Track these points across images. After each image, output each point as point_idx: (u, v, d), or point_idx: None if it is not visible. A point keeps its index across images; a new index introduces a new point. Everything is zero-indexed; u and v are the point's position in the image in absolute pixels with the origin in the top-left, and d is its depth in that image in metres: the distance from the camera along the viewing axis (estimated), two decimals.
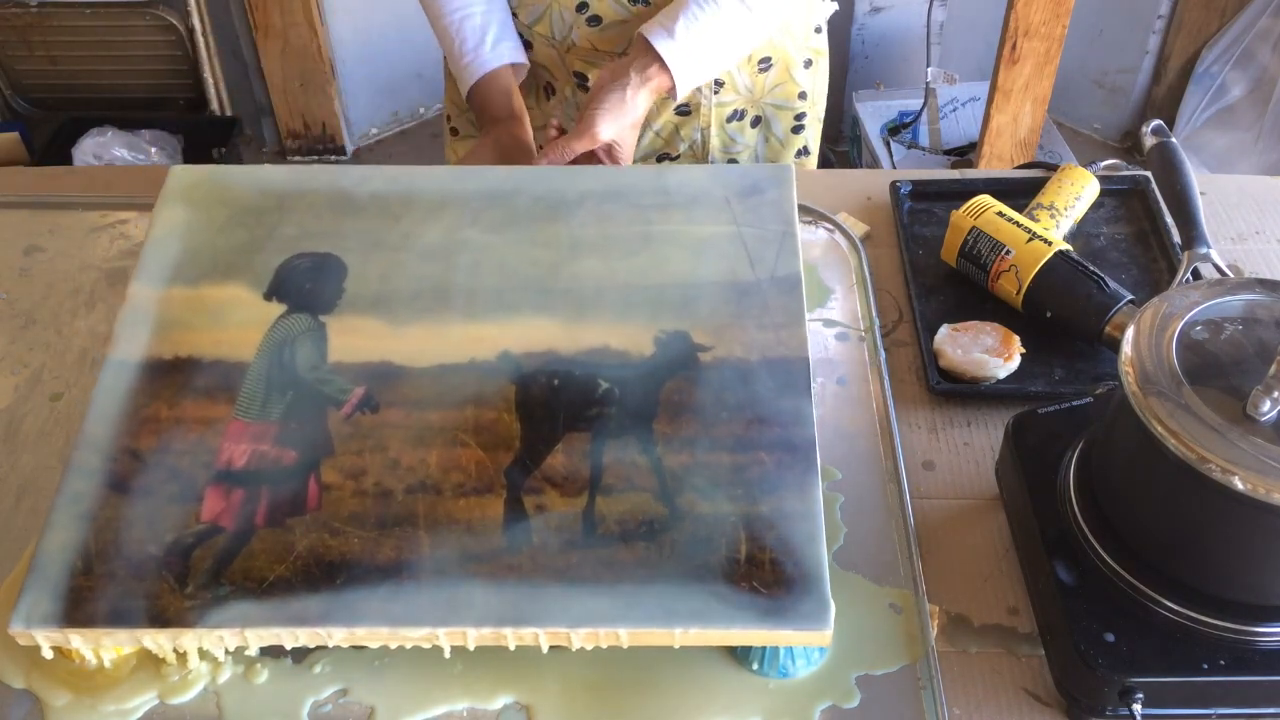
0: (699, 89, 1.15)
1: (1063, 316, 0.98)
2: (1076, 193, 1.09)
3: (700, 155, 1.22)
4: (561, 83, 1.16)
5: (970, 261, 1.03)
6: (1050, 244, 0.99)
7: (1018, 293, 1.00)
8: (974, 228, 1.02)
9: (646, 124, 1.17)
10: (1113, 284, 0.97)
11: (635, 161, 1.19)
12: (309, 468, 0.78)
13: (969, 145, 2.44)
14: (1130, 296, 0.97)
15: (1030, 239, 1.00)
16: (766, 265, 0.89)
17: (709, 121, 1.19)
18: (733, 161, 1.23)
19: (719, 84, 1.17)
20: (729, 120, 1.20)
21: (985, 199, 1.04)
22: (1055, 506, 0.80)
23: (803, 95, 1.23)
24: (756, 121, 1.22)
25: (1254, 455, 0.65)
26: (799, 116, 1.25)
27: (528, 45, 1.15)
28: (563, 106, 1.18)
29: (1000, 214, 1.02)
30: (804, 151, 1.29)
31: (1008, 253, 1.00)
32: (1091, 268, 0.98)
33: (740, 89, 1.19)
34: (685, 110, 1.18)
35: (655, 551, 0.74)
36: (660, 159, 1.22)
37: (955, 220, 1.04)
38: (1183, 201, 1.07)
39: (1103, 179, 1.15)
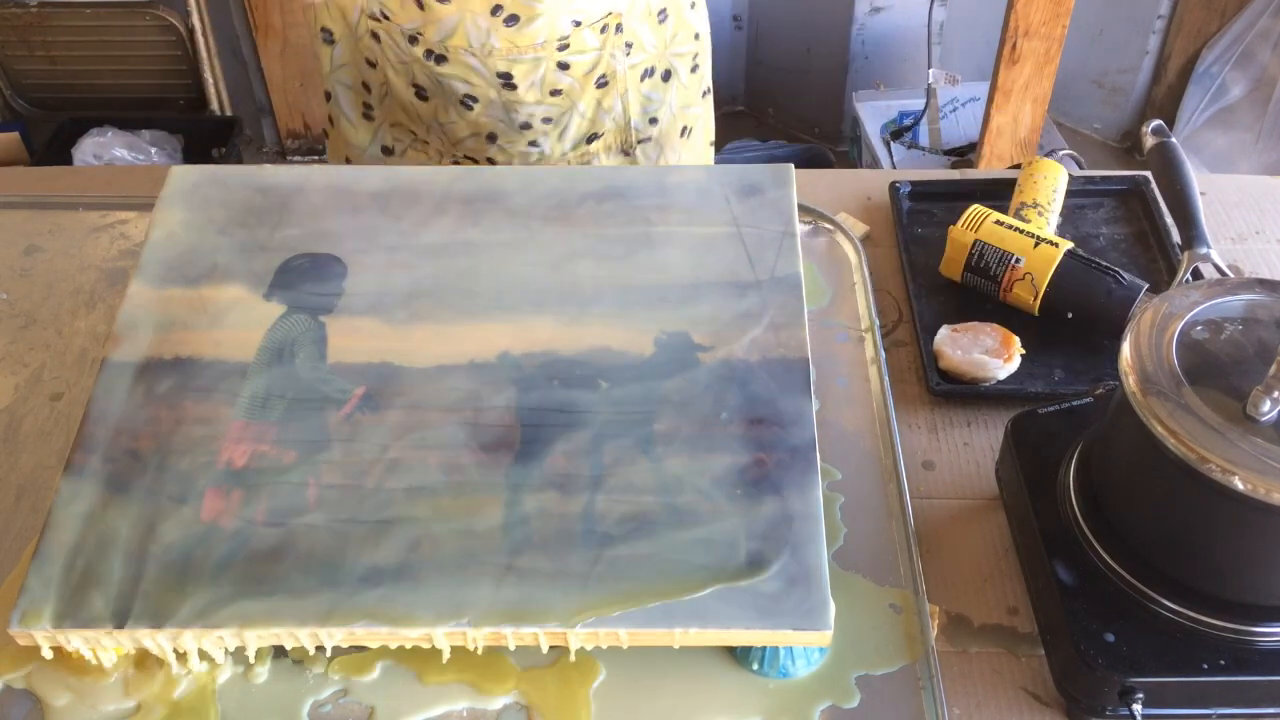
0: (613, 54, 1.16)
1: (1084, 316, 0.97)
2: (1053, 185, 1.08)
3: (623, 125, 1.22)
4: (484, 89, 1.15)
5: (979, 274, 1.01)
6: (1057, 245, 0.99)
7: (1035, 299, 0.98)
8: (977, 240, 1.00)
9: (572, 108, 1.18)
10: (1127, 276, 0.96)
11: (566, 151, 1.20)
12: (309, 468, 0.78)
13: (969, 145, 2.44)
14: (1145, 284, 0.96)
15: (1037, 243, 0.99)
16: (766, 265, 0.89)
17: (625, 86, 1.19)
18: (654, 122, 1.24)
19: (629, 45, 1.17)
20: (643, 80, 1.21)
21: (979, 209, 1.03)
22: (1055, 506, 0.80)
23: (696, 36, 1.25)
24: (667, 76, 1.23)
25: (1254, 455, 0.65)
26: (695, 57, 1.25)
27: (441, 59, 1.13)
28: (489, 110, 1.17)
29: (999, 222, 1.01)
30: (707, 91, 1.29)
31: (1018, 261, 0.98)
32: (1101, 262, 0.97)
33: (648, 47, 1.19)
34: (604, 82, 1.18)
35: (655, 552, 0.74)
36: (590, 140, 1.22)
37: (955, 236, 1.02)
38: (1183, 201, 1.07)
39: (1103, 179, 1.16)
